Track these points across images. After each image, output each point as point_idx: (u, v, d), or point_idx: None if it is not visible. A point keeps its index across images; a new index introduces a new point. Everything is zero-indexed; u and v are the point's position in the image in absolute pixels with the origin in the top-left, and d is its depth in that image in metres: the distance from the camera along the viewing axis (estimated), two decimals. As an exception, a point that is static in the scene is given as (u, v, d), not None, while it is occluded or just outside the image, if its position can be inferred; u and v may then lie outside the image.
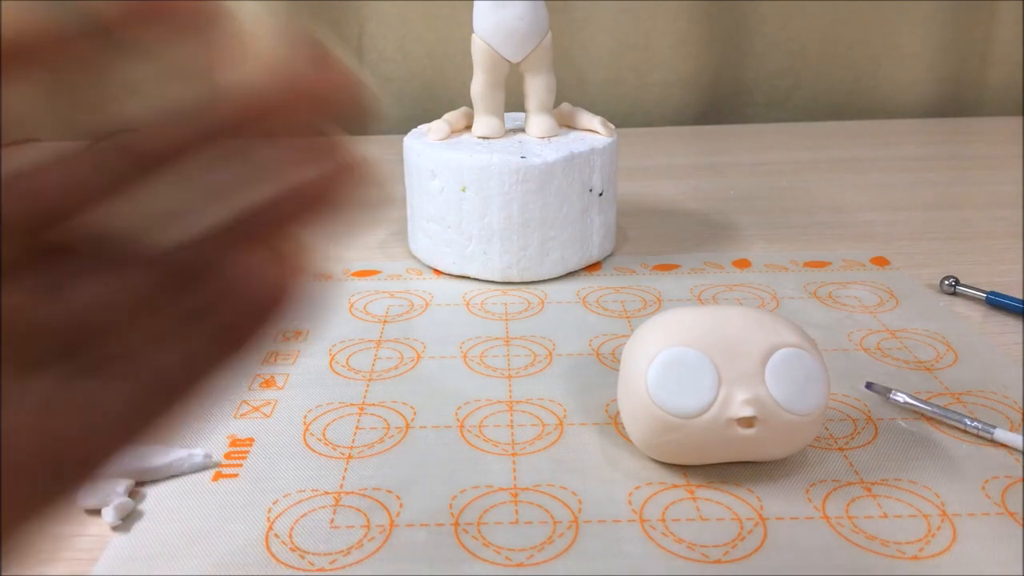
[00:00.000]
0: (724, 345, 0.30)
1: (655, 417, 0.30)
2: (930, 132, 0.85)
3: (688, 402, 0.29)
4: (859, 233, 0.57)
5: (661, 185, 0.67)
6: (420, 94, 0.91)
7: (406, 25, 0.89)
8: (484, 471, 0.32)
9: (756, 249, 0.54)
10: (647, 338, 0.31)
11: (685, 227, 0.58)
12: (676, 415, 0.29)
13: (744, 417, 0.29)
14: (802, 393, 0.30)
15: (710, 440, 0.30)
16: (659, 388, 0.30)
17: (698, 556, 0.28)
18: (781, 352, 0.30)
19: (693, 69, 0.89)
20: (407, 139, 0.52)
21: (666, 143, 0.83)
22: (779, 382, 0.29)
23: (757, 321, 0.31)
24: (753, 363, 0.30)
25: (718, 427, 0.29)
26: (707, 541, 0.28)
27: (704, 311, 0.32)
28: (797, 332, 0.31)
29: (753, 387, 0.29)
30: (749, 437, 0.29)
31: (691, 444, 0.30)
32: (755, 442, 0.30)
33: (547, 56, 0.49)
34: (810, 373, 0.30)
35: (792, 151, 0.78)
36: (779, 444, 0.30)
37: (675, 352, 0.30)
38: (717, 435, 0.30)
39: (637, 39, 0.88)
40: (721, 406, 0.29)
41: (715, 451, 0.30)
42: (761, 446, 0.30)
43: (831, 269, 0.50)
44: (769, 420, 0.29)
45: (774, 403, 0.29)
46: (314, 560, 0.28)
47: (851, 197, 0.64)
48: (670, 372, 0.30)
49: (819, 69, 0.91)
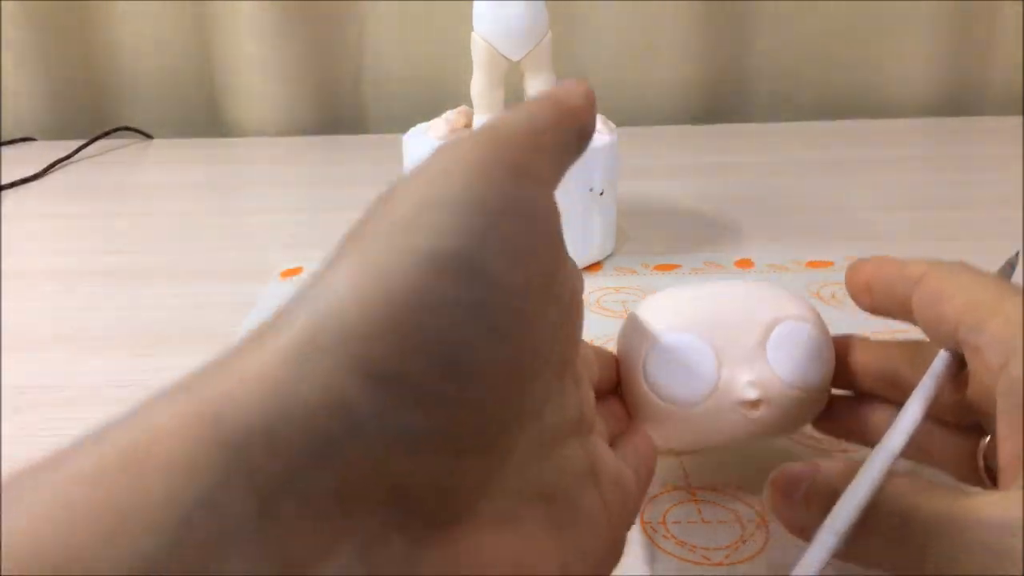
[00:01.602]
0: (721, 325, 0.29)
1: (655, 408, 0.29)
2: (932, 131, 0.85)
3: (688, 390, 0.28)
4: (862, 232, 0.56)
5: (662, 184, 0.67)
6: (420, 93, 0.90)
7: (406, 24, 0.88)
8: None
9: (758, 249, 0.54)
10: (639, 326, 0.30)
11: (686, 227, 0.58)
12: (677, 404, 0.28)
13: (749, 400, 0.28)
14: (806, 367, 0.28)
15: (716, 426, 0.29)
16: (656, 378, 0.28)
17: (699, 558, 0.28)
18: (782, 326, 0.29)
19: (695, 68, 0.89)
20: (406, 138, 0.51)
21: (667, 142, 0.82)
22: (782, 358, 0.28)
23: (753, 295, 0.30)
24: (753, 341, 0.28)
25: (723, 412, 0.28)
26: (709, 543, 0.28)
27: (696, 290, 0.31)
28: (797, 303, 0.30)
29: (755, 367, 0.28)
30: (755, 419, 0.28)
31: (696, 432, 0.29)
32: (761, 423, 0.28)
33: (547, 54, 0.49)
34: (813, 345, 0.29)
35: (794, 150, 0.77)
36: (786, 421, 0.29)
37: (670, 339, 0.29)
38: (722, 420, 0.28)
39: (638, 38, 0.88)
40: (724, 390, 0.28)
41: (722, 436, 0.29)
42: (767, 426, 0.29)
43: (834, 269, 0.50)
44: (774, 400, 0.28)
45: (779, 381, 0.28)
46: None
47: (854, 196, 0.64)
48: (666, 361, 0.28)
49: (821, 68, 0.91)
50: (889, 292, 0.26)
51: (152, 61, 0.90)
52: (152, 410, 0.15)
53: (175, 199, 0.68)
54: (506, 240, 0.18)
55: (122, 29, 0.89)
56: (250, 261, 0.54)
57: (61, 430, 0.33)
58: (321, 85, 0.89)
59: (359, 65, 0.91)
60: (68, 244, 0.58)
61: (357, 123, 0.93)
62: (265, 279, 0.50)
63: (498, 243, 0.18)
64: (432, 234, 0.17)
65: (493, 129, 0.20)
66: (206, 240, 0.58)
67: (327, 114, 0.91)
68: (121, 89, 0.92)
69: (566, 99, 0.22)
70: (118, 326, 0.45)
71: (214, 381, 0.15)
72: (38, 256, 0.56)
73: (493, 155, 0.19)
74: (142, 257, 0.55)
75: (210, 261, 0.54)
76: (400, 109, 0.91)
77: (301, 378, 0.15)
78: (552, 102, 0.22)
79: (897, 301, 0.26)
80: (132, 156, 0.82)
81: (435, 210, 0.17)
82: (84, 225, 0.62)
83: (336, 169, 0.77)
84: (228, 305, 0.47)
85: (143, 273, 0.52)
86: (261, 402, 0.15)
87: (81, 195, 0.70)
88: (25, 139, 0.87)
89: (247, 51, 0.86)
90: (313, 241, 0.57)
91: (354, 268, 0.16)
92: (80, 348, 0.43)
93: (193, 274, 0.52)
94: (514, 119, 0.21)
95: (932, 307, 0.24)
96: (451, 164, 0.18)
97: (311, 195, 0.69)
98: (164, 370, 0.40)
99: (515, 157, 0.19)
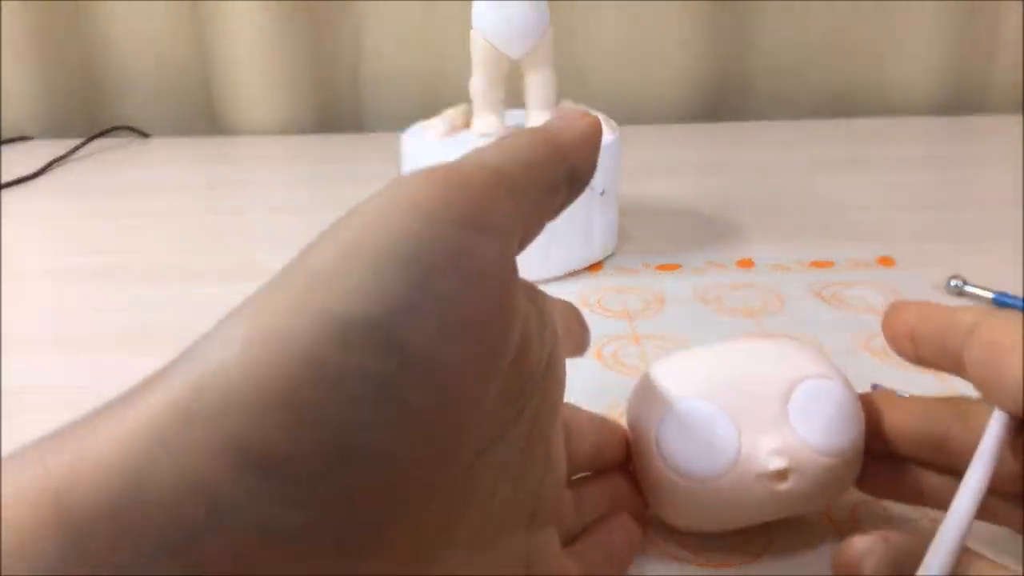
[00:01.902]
0: (737, 388, 0.26)
1: (670, 483, 0.26)
2: (936, 130, 0.85)
3: (706, 462, 0.25)
4: (864, 232, 0.56)
5: (663, 184, 0.67)
6: (419, 92, 0.90)
7: (406, 23, 0.88)
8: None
9: (760, 249, 0.53)
10: (650, 395, 0.27)
11: (688, 226, 0.58)
12: (695, 479, 0.26)
13: (775, 470, 0.25)
14: (835, 430, 0.26)
15: (739, 501, 0.26)
16: (671, 451, 0.26)
17: (701, 560, 0.27)
18: (803, 385, 0.26)
19: (696, 66, 0.89)
20: (405, 137, 0.51)
21: (668, 141, 0.82)
22: (807, 421, 0.26)
23: (769, 353, 0.28)
24: (774, 404, 0.26)
25: (746, 485, 0.25)
26: (710, 544, 0.28)
27: (707, 352, 0.28)
28: (817, 358, 0.27)
29: (779, 432, 0.25)
30: (782, 492, 0.25)
31: (717, 509, 0.26)
32: (790, 496, 0.25)
33: (547, 52, 0.49)
34: (840, 405, 0.26)
35: (796, 149, 0.77)
36: (817, 494, 0.26)
37: (682, 407, 0.26)
38: (746, 495, 0.25)
39: (639, 36, 0.88)
40: (746, 461, 0.25)
41: (746, 512, 0.26)
42: (797, 499, 0.26)
43: (836, 269, 0.50)
44: (803, 468, 0.25)
45: (806, 447, 0.25)
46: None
47: (856, 195, 0.63)
48: (681, 430, 0.26)
49: (823, 66, 0.91)
50: (937, 343, 0.23)
51: (149, 60, 0.90)
52: (4, 470, 0.13)
53: (173, 198, 0.68)
54: (439, 305, 0.15)
55: (119, 28, 0.89)
56: (249, 261, 0.53)
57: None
58: (319, 84, 0.89)
59: (357, 63, 0.90)
60: (66, 243, 0.58)
61: (355, 122, 0.92)
62: (263, 279, 0.50)
63: (427, 310, 0.15)
64: (346, 294, 0.15)
65: (455, 165, 0.17)
66: (204, 239, 0.58)
67: (326, 113, 0.90)
68: (118, 88, 0.91)
69: (560, 134, 0.20)
70: (117, 326, 0.45)
71: (64, 448, 0.13)
72: (36, 255, 0.56)
73: (443, 197, 0.16)
74: (140, 256, 0.55)
75: (209, 261, 0.54)
76: (399, 108, 0.91)
77: (163, 453, 0.13)
78: (544, 137, 0.19)
79: (946, 353, 0.23)
80: (129, 155, 0.82)
81: (356, 263, 0.15)
82: (82, 224, 0.62)
83: (335, 168, 0.76)
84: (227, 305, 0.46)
85: (141, 272, 0.52)
86: (108, 480, 0.12)
87: (78, 194, 0.69)
88: (22, 138, 0.87)
89: (245, 50, 0.85)
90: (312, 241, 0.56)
91: (250, 325, 0.15)
92: (79, 348, 0.43)
93: (192, 274, 0.52)
94: (486, 154, 0.18)
95: (989, 363, 0.21)
96: (391, 203, 0.16)
97: (309, 194, 0.69)
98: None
99: (471, 202, 0.17)
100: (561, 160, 0.20)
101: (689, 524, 0.28)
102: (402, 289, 0.15)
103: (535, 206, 0.19)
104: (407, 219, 0.15)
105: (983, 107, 0.92)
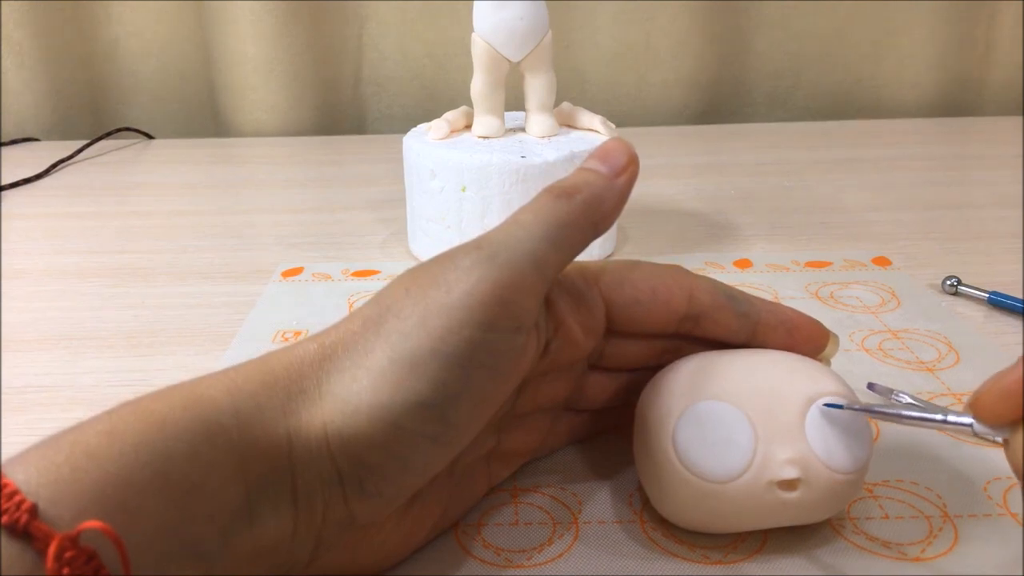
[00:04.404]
0: (758, 396, 0.27)
1: (683, 481, 0.26)
2: (931, 132, 0.85)
3: (722, 464, 0.26)
4: (860, 233, 0.56)
5: (661, 185, 0.67)
6: (420, 94, 0.91)
7: (406, 25, 0.88)
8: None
9: (757, 249, 0.54)
10: (669, 390, 0.28)
11: (686, 227, 0.58)
12: (709, 480, 0.26)
13: (787, 480, 0.26)
14: (847, 449, 0.26)
15: (746, 506, 0.26)
16: (688, 449, 0.26)
17: (699, 557, 0.28)
18: (821, 402, 0.27)
19: (694, 68, 0.89)
20: (407, 139, 0.52)
21: (666, 143, 0.82)
22: (821, 436, 0.26)
23: (790, 367, 0.28)
24: (792, 415, 0.26)
25: (755, 491, 0.26)
26: (707, 543, 0.28)
27: (729, 357, 0.29)
28: (834, 378, 0.28)
29: (794, 444, 0.26)
30: (790, 501, 0.26)
31: (724, 511, 0.27)
32: (795, 506, 0.26)
33: (547, 55, 0.49)
34: (852, 424, 0.27)
35: (793, 150, 0.78)
36: (820, 507, 0.27)
37: (705, 406, 0.27)
38: (754, 500, 0.26)
39: (637, 38, 0.88)
40: (760, 467, 0.26)
41: (751, 517, 0.27)
42: (801, 510, 0.27)
43: (832, 269, 0.50)
44: (813, 482, 0.26)
45: (818, 462, 0.26)
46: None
47: (852, 197, 0.64)
48: (700, 430, 0.26)
49: (820, 68, 0.91)
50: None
51: (153, 62, 0.91)
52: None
53: (176, 199, 0.68)
54: (474, 393, 0.23)
55: (123, 30, 0.89)
56: (250, 261, 0.54)
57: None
58: (322, 86, 0.89)
59: (359, 65, 0.91)
60: (69, 244, 0.58)
61: (357, 124, 0.93)
62: (265, 279, 0.50)
63: (466, 398, 0.23)
64: (426, 383, 0.23)
65: (517, 266, 0.24)
66: (206, 240, 0.58)
67: (328, 115, 0.91)
68: (122, 90, 0.92)
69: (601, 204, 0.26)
70: (118, 326, 0.45)
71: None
72: (39, 256, 0.56)
73: (498, 312, 0.23)
74: (143, 257, 0.55)
75: (210, 261, 0.54)
76: (400, 110, 0.91)
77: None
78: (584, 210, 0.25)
79: None
80: (133, 156, 0.82)
81: (432, 363, 0.23)
82: (85, 225, 0.62)
83: (336, 169, 0.77)
84: (228, 305, 0.47)
85: (144, 273, 0.52)
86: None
87: (82, 195, 0.70)
88: (27, 139, 0.87)
89: (248, 52, 0.86)
90: (313, 241, 0.57)
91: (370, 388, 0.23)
92: (80, 348, 0.43)
93: (193, 274, 0.52)
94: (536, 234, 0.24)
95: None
96: (466, 313, 0.23)
97: (311, 195, 0.69)
98: (164, 370, 0.40)
99: (517, 317, 0.24)
100: (594, 229, 0.26)
101: (692, 524, 0.28)
102: (454, 386, 0.23)
103: (564, 261, 0.26)
104: (472, 331, 0.23)
105: (979, 109, 0.92)
